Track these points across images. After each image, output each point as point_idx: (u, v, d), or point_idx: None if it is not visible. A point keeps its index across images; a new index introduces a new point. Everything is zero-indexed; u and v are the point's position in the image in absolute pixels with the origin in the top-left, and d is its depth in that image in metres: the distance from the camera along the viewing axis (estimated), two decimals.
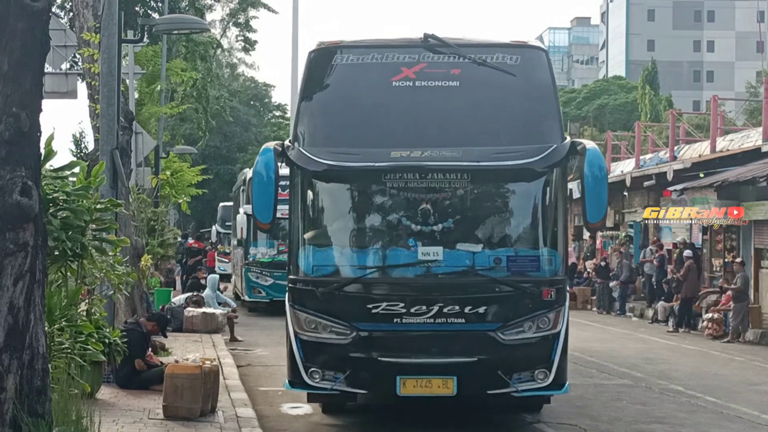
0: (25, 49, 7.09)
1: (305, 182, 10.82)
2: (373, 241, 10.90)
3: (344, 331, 10.37)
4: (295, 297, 10.64)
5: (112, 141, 13.42)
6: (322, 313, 10.40)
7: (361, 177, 10.81)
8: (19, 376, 7.05)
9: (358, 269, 10.69)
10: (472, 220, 10.91)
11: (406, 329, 10.30)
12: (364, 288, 10.54)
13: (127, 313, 15.89)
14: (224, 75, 61.51)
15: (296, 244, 10.83)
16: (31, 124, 7.12)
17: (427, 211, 10.57)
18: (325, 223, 11.13)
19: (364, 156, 10.55)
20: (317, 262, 10.73)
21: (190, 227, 54.49)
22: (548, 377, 10.43)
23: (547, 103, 11.08)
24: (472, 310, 10.31)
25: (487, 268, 10.54)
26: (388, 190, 10.68)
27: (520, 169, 10.58)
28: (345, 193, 11.10)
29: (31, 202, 7.04)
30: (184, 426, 10.41)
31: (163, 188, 29.15)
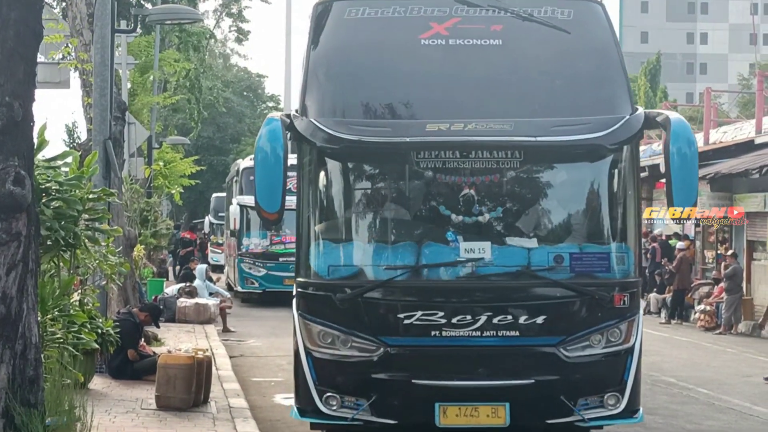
0: (18, 39, 7.07)
1: (318, 162, 8.84)
2: (404, 235, 8.88)
3: (369, 346, 8.47)
4: (305, 304, 8.69)
5: (105, 131, 13.40)
6: (341, 325, 8.50)
7: (389, 155, 8.87)
8: (11, 366, 7.05)
9: (385, 270, 8.61)
10: (526, 208, 8.98)
11: (446, 344, 8.45)
12: (394, 293, 8.59)
13: (120, 303, 15.88)
14: (217, 65, 61.43)
15: (306, 239, 8.84)
16: (24, 113, 7.11)
17: (471, 197, 8.71)
18: (343, 213, 9.02)
19: (393, 129, 8.74)
20: (334, 261, 8.73)
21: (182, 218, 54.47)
22: (620, 403, 8.61)
23: (610, 66, 9.21)
24: (528, 320, 8.48)
25: (545, 268, 8.64)
26: (422, 171, 8.75)
27: (586, 146, 8.72)
28: (368, 175, 9.21)
29: (24, 191, 7.03)
30: (177, 416, 10.42)
31: (156, 179, 29.12)
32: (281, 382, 14.05)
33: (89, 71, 15.36)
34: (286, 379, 14.14)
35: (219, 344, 17.07)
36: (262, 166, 8.36)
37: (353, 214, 9.07)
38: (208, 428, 9.99)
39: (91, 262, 11.08)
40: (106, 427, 9.31)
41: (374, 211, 9.08)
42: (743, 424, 11.62)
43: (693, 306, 24.01)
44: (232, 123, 60.94)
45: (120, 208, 16.06)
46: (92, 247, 10.60)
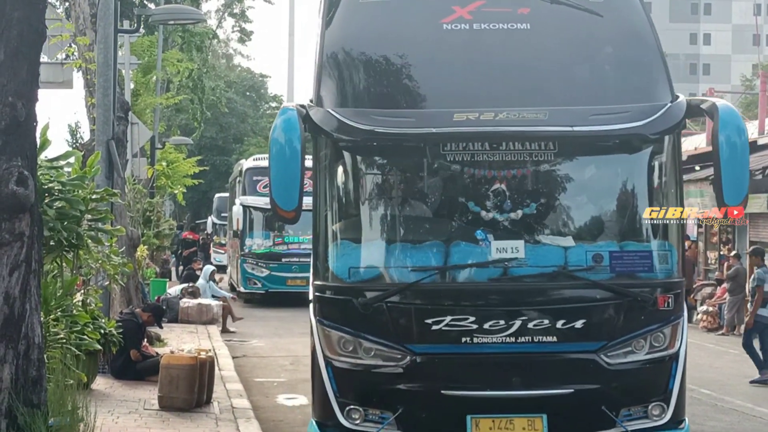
0: (22, 39, 7.07)
1: (336, 155, 8.21)
2: (431, 234, 8.19)
3: (394, 355, 7.84)
4: (323, 310, 8.06)
5: (108, 131, 13.41)
6: (363, 332, 7.86)
7: (413, 147, 8.20)
8: (14, 366, 7.05)
9: (410, 272, 7.95)
10: (561, 204, 8.38)
11: (478, 352, 7.80)
12: (420, 297, 7.93)
13: (123, 303, 15.89)
14: (220, 66, 61.45)
15: (324, 239, 8.18)
16: (27, 113, 7.11)
17: (502, 192, 8.09)
18: (364, 211, 8.36)
19: (417, 119, 8.10)
20: (355, 262, 8.08)
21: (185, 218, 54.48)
22: (665, 413, 7.99)
23: (647, 50, 8.58)
24: (567, 324, 7.80)
25: (583, 268, 8.00)
26: (449, 164, 8.14)
27: (626, 136, 8.08)
28: (391, 169, 8.49)
29: (27, 191, 7.03)
30: (180, 417, 10.42)
31: (159, 179, 29.13)
32: (284, 382, 14.06)
33: (92, 71, 15.37)
34: (289, 380, 14.18)
35: (222, 344, 17.07)
36: (277, 160, 7.69)
37: (375, 211, 8.39)
38: (210, 429, 9.99)
39: (94, 263, 11.09)
40: (109, 427, 9.31)
41: (398, 208, 8.36)
42: (746, 425, 11.61)
43: (695, 307, 23.98)
44: (235, 123, 60.96)
45: (123, 209, 16.07)
46: (95, 247, 10.61)
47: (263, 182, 26.86)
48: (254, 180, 27.06)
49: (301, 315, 20.64)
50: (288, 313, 23.23)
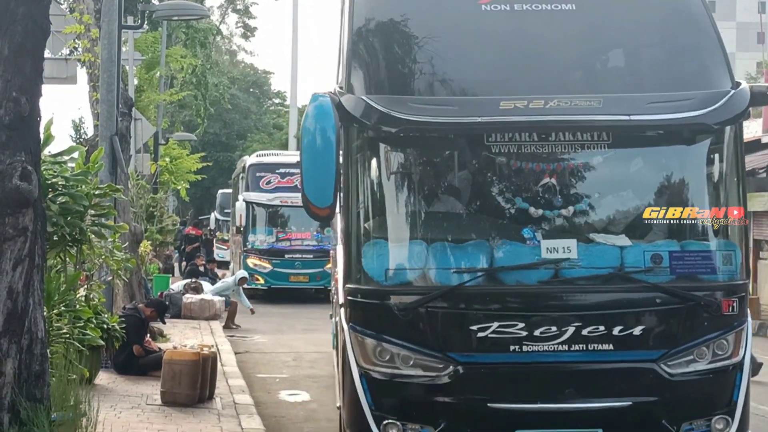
0: (26, 34, 7.08)
1: (371, 147, 7.58)
2: (475, 233, 7.55)
3: (436, 365, 7.25)
4: (357, 315, 7.46)
5: (112, 127, 13.43)
6: (402, 339, 7.26)
7: (456, 138, 7.63)
8: (17, 360, 7.06)
9: (453, 274, 7.35)
10: (617, 199, 7.76)
11: (527, 361, 7.24)
12: (464, 301, 7.35)
13: (126, 299, 15.91)
14: (224, 62, 61.47)
15: (356, 238, 7.55)
16: (31, 109, 7.12)
17: (552, 187, 7.48)
18: (401, 208, 7.73)
19: (461, 108, 7.47)
20: (393, 264, 7.45)
21: (188, 214, 54.51)
22: (729, 427, 7.43)
23: (704, 34, 7.91)
24: (624, 331, 7.24)
25: (641, 269, 7.38)
26: (495, 157, 7.51)
27: (687, 126, 7.45)
28: (431, 162, 7.84)
29: (31, 186, 7.04)
30: (182, 412, 10.43)
31: (162, 175, 29.15)
32: (286, 378, 14.07)
33: (96, 66, 15.38)
34: (291, 376, 14.20)
35: (224, 340, 17.07)
36: (309, 152, 7.11)
37: (413, 208, 7.67)
38: (213, 424, 10.01)
39: (97, 258, 11.10)
40: (112, 422, 9.32)
41: (438, 205, 7.68)
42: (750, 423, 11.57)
43: None
44: (239, 119, 60.98)
45: (126, 204, 16.09)
46: (98, 242, 10.61)
47: (266, 178, 26.87)
48: (257, 176, 27.06)
49: (303, 311, 20.70)
50: (290, 310, 23.24)
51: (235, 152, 56.72)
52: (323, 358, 15.48)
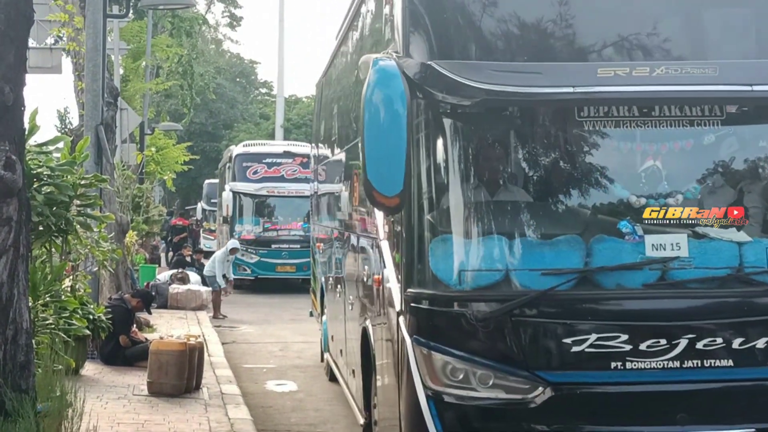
0: (9, 22, 7.02)
1: (440, 123, 6.34)
2: (565, 226, 6.35)
3: (521, 385, 6.10)
4: (423, 326, 6.26)
5: (97, 116, 13.36)
6: (480, 355, 6.10)
7: (544, 112, 6.42)
8: (2, 351, 7.02)
9: (541, 276, 6.13)
10: (734, 187, 6.53)
11: (632, 381, 6.11)
12: (556, 309, 6.14)
13: (112, 289, 15.87)
14: (209, 51, 61.28)
15: (420, 232, 6.33)
16: (14, 98, 7.06)
17: (657, 171, 6.37)
18: (477, 196, 6.36)
19: (549, 75, 6.22)
20: (468, 263, 6.22)
21: (175, 204, 54.39)
22: None
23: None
24: (746, 344, 6.12)
25: (765, 270, 6.28)
26: (589, 135, 6.37)
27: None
28: (512, 141, 6.50)
29: (15, 176, 6.99)
30: (169, 402, 10.40)
31: (148, 165, 29.06)
32: (273, 368, 14.06)
33: (81, 54, 15.31)
34: (278, 366, 14.20)
35: (211, 331, 17.06)
36: (373, 128, 5.94)
37: (491, 196, 6.37)
38: (199, 414, 9.99)
39: (83, 248, 11.06)
40: (98, 413, 9.29)
41: (521, 193, 6.47)
42: None
43: None
44: (225, 109, 60.82)
45: (112, 194, 16.03)
46: (84, 233, 10.57)
47: (253, 168, 26.84)
48: (244, 166, 27.03)
49: (290, 301, 20.69)
50: (277, 300, 23.23)
51: (221, 142, 56.59)
52: (310, 348, 15.49)
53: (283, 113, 43.75)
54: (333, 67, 12.43)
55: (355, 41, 9.80)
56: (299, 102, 61.36)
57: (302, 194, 25.56)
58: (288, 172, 26.76)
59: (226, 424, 9.60)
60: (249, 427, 9.66)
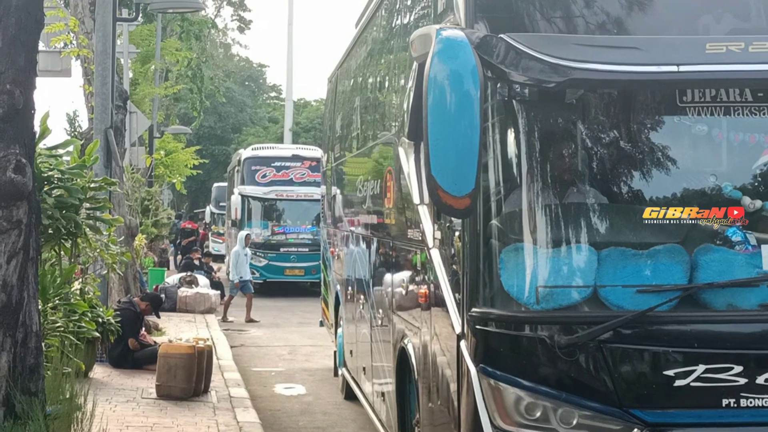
0: (20, 26, 7.04)
1: (512, 108, 5.27)
2: (664, 233, 5.23)
3: (613, 425, 5.07)
4: (491, 353, 5.24)
5: (107, 120, 13.39)
6: (563, 389, 5.07)
7: (638, 96, 5.38)
8: (12, 354, 7.04)
9: (635, 295, 5.09)
10: None
11: (747, 421, 5.06)
12: (656, 334, 5.09)
13: (121, 292, 15.89)
14: (218, 55, 61.40)
15: (487, 239, 5.28)
16: (25, 101, 7.09)
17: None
18: (558, 197, 5.27)
19: (647, 51, 5.14)
20: (548, 278, 5.14)
21: (183, 207, 54.48)
22: None
23: None
24: None
25: None
26: (692, 124, 5.33)
27: None
28: (600, 131, 5.40)
29: (25, 179, 7.01)
30: (177, 405, 10.41)
31: (158, 168, 29.12)
32: (282, 372, 14.07)
33: (91, 59, 15.35)
34: (287, 369, 14.20)
35: (220, 334, 17.07)
36: (439, 114, 4.86)
37: (576, 198, 5.31)
38: (208, 417, 9.99)
39: (92, 251, 11.07)
40: (107, 415, 9.30)
41: (611, 193, 5.38)
42: None
43: None
44: (234, 113, 60.90)
45: (121, 197, 16.07)
46: (93, 236, 10.59)
47: (261, 172, 26.89)
48: (253, 170, 27.08)
49: (298, 305, 20.68)
50: (286, 303, 23.25)
51: (230, 146, 56.65)
52: (319, 352, 15.49)
53: (292, 117, 43.79)
54: (353, 56, 11.23)
55: (390, 20, 8.55)
56: (308, 105, 61.43)
57: (311, 197, 25.59)
58: (297, 175, 26.79)
59: (234, 427, 9.60)
60: (257, 430, 9.66)
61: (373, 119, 9.41)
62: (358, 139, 10.54)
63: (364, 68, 10.28)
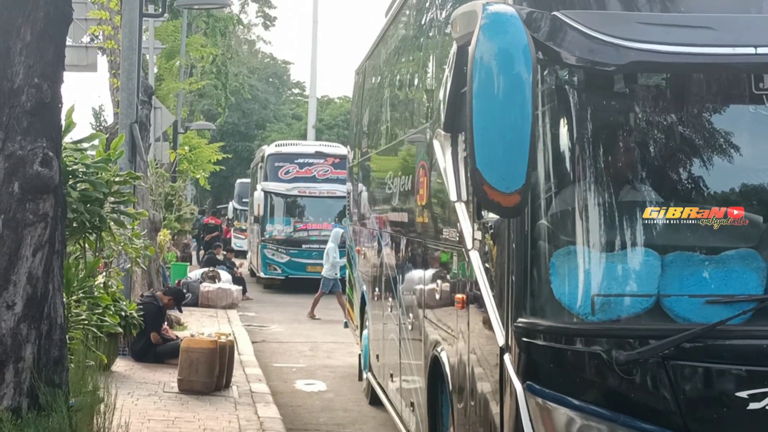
0: (48, 20, 7.08)
1: (564, 96, 4.76)
2: (736, 238, 4.66)
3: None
4: (539, 370, 4.72)
5: (132, 115, 13.46)
6: (619, 410, 4.52)
7: (711, 82, 4.80)
8: (37, 345, 7.08)
9: (704, 306, 4.55)
10: None
11: None
12: (726, 350, 4.52)
13: (144, 286, 15.97)
14: (243, 52, 61.56)
15: (535, 241, 4.78)
16: (52, 95, 7.12)
17: None
18: (615, 195, 4.68)
19: (722, 31, 4.57)
20: (602, 286, 4.59)
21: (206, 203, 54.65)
22: None
23: None
24: None
25: None
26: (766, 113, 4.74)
27: None
28: (664, 120, 4.81)
29: (51, 173, 7.05)
30: (199, 400, 10.46)
31: (181, 163, 29.23)
32: (303, 368, 14.09)
33: (117, 52, 15.43)
34: (308, 366, 14.22)
35: (241, 329, 17.13)
36: (486, 99, 4.31)
37: (637, 196, 4.72)
38: (229, 412, 10.03)
39: (116, 245, 11.13)
40: (129, 409, 9.35)
41: (677, 192, 4.79)
42: None
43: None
44: (257, 109, 61.06)
45: (145, 192, 16.14)
46: (117, 230, 10.64)
47: (284, 168, 26.93)
48: (276, 166, 27.12)
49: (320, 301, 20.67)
50: (307, 299, 23.25)
51: (253, 142, 56.80)
52: (340, 349, 15.51)
53: (316, 114, 43.85)
54: (383, 46, 10.78)
55: (424, 2, 8.12)
56: (331, 103, 61.51)
57: (334, 194, 25.60)
58: (320, 172, 26.83)
59: (255, 422, 9.63)
60: (278, 425, 9.69)
61: (404, 111, 8.97)
62: (387, 133, 10.14)
63: (396, 57, 9.84)
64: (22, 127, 6.97)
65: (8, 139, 6.94)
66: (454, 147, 5.84)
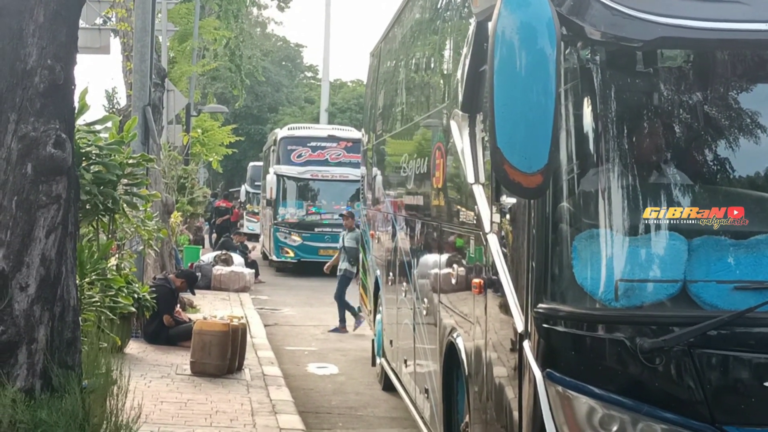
0: (61, 1, 7.06)
1: (589, 72, 4.57)
2: (765, 223, 4.58)
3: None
4: (560, 357, 4.60)
5: (145, 97, 13.45)
6: (643, 400, 4.40)
7: (745, 60, 4.65)
8: (50, 327, 7.08)
9: (732, 292, 4.44)
10: None
11: None
12: (756, 339, 4.40)
13: (156, 269, 15.99)
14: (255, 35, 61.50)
15: (554, 223, 4.65)
16: (65, 77, 7.10)
17: None
18: (641, 177, 4.56)
19: (756, 6, 4.43)
20: (626, 271, 4.46)
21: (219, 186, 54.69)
22: None
23: None
24: None
25: None
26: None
27: None
28: (697, 99, 4.68)
29: (65, 154, 7.04)
30: (211, 382, 10.47)
31: (194, 146, 29.24)
32: (315, 351, 14.10)
33: (130, 35, 15.41)
34: (320, 349, 14.23)
35: (254, 312, 17.15)
36: (508, 75, 4.16)
37: (663, 178, 4.61)
38: (242, 395, 10.04)
39: (129, 227, 11.13)
40: (142, 391, 9.37)
41: (703, 174, 4.69)
42: None
43: None
44: (270, 92, 61.00)
45: (158, 175, 16.15)
46: (130, 212, 10.64)
47: (297, 152, 26.90)
48: (288, 149, 27.10)
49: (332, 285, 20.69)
50: (319, 283, 23.27)
51: (266, 125, 56.77)
52: (352, 333, 15.52)
53: (328, 97, 43.78)
54: (399, 26, 10.59)
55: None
56: (344, 86, 61.40)
57: (346, 178, 25.56)
58: (332, 155, 26.80)
59: (267, 405, 9.64)
60: (290, 408, 9.70)
61: (421, 92, 8.81)
62: (403, 115, 9.99)
63: (412, 39, 9.71)
64: (35, 108, 6.96)
65: (21, 121, 6.93)
66: (472, 127, 5.70)
